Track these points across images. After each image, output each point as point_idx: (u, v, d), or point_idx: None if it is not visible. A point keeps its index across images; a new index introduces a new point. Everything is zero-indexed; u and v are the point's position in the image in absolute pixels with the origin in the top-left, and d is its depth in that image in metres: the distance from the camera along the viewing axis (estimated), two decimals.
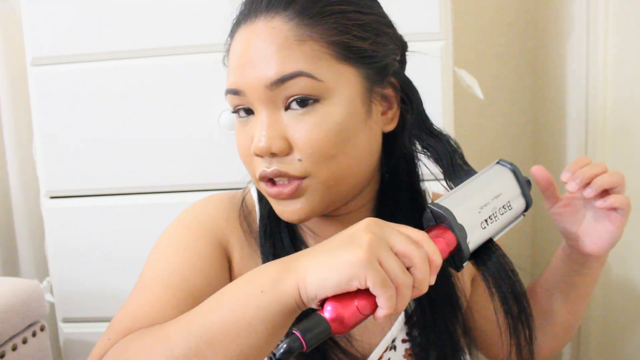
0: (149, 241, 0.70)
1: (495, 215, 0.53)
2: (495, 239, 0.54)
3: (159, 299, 0.58)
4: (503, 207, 0.54)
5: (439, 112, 1.00)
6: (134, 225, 1.08)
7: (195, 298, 0.59)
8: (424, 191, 0.71)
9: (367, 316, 0.45)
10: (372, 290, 0.43)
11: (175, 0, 1.03)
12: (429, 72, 0.99)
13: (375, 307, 0.44)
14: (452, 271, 0.68)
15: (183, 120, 1.05)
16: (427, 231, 0.50)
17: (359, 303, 0.44)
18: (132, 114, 1.06)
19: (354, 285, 0.43)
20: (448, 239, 0.49)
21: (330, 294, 0.44)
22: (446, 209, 0.50)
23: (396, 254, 0.45)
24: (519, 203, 0.56)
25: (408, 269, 0.45)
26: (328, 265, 0.44)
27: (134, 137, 1.07)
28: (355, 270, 0.43)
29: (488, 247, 0.54)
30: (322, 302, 0.44)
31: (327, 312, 0.43)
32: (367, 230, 0.45)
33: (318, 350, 0.62)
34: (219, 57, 0.69)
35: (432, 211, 0.51)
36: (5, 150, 1.32)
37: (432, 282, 0.47)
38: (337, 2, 0.57)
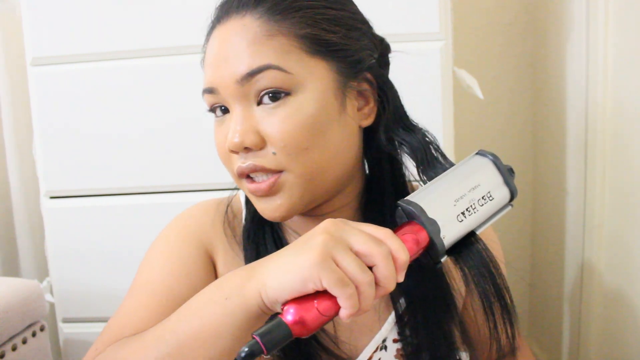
0: (149, 241, 0.70)
1: (473, 207, 0.51)
2: (478, 232, 0.53)
3: (144, 308, 0.60)
4: (482, 198, 0.52)
5: (439, 112, 1.00)
6: (134, 225, 1.08)
7: (179, 305, 0.59)
8: (417, 187, 0.71)
9: (331, 317, 0.44)
10: (329, 290, 0.43)
11: (175, 0, 1.03)
12: (429, 72, 0.99)
13: (338, 307, 0.44)
14: (446, 270, 0.68)
15: (183, 120, 1.05)
16: (399, 228, 0.49)
17: (319, 305, 0.43)
18: (132, 114, 1.06)
19: (310, 287, 0.43)
20: (419, 236, 0.48)
21: (289, 297, 0.44)
22: (415, 204, 0.49)
23: (356, 253, 0.44)
24: (502, 193, 0.53)
25: (371, 268, 0.45)
26: (285, 269, 0.44)
27: (134, 137, 1.07)
28: (308, 272, 0.43)
29: (469, 241, 0.53)
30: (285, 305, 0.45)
31: (289, 315, 0.43)
32: (323, 232, 0.45)
33: (302, 353, 0.62)
34: None
35: (402, 207, 0.50)
36: (5, 150, 1.32)
37: (401, 280, 0.46)
38: None
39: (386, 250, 0.45)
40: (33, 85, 1.07)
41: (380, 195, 0.65)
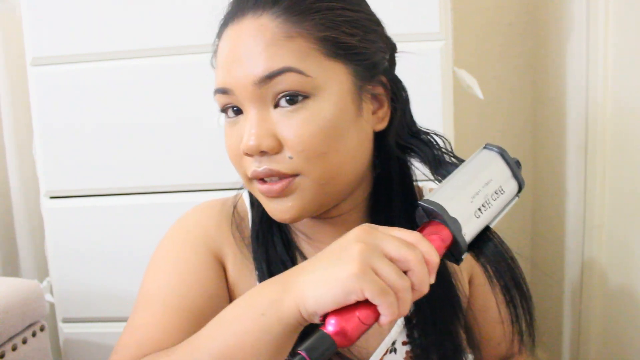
0: (149, 241, 0.70)
1: (488, 202, 0.52)
2: (492, 226, 0.53)
3: (161, 321, 0.58)
4: (495, 192, 0.53)
5: (439, 112, 1.00)
6: (134, 225, 1.08)
7: (195, 314, 0.59)
8: (422, 188, 0.71)
9: (370, 325, 0.44)
10: (371, 300, 0.43)
11: (175, 0, 1.03)
12: (429, 72, 0.99)
13: (378, 314, 0.44)
14: (451, 271, 0.68)
15: (183, 120, 1.05)
16: (421, 228, 0.50)
17: (360, 314, 0.43)
18: (132, 114, 1.06)
19: (353, 299, 0.43)
20: (443, 235, 0.49)
21: (329, 309, 0.44)
22: (437, 204, 0.49)
23: (391, 260, 0.44)
24: (511, 186, 0.54)
25: (406, 272, 0.45)
26: (324, 282, 0.44)
27: (134, 137, 1.07)
28: (350, 285, 0.42)
29: (485, 236, 0.53)
30: (324, 316, 0.44)
31: (331, 326, 0.43)
32: (358, 241, 0.44)
33: None
34: None
35: (423, 208, 0.50)
36: (5, 150, 1.32)
37: (433, 281, 0.46)
38: None
39: (420, 255, 0.45)
40: (33, 85, 1.07)
41: (388, 197, 0.65)
